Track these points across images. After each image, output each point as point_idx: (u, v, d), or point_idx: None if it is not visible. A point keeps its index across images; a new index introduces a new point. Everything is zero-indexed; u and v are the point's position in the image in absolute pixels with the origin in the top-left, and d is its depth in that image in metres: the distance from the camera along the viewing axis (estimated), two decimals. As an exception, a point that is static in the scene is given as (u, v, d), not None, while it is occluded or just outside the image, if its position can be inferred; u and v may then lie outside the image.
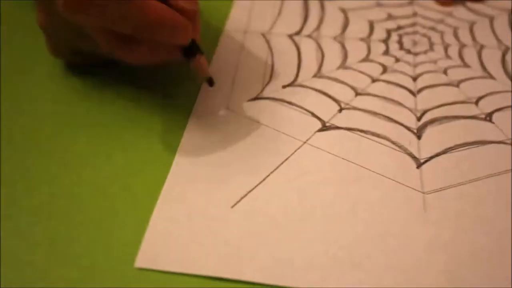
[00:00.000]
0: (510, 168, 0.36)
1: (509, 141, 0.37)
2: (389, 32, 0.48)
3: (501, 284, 0.30)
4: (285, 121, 0.39)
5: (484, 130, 0.38)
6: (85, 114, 0.39)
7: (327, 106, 0.40)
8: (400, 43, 0.46)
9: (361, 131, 0.38)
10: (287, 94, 0.41)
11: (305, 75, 0.43)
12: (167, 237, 0.32)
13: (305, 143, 0.37)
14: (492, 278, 0.30)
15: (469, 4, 0.51)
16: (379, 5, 0.51)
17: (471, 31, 0.48)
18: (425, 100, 0.41)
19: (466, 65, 0.44)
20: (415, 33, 0.48)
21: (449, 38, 0.47)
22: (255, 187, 0.35)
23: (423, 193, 0.34)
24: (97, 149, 0.37)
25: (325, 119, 0.39)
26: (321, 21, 0.49)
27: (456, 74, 0.43)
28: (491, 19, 0.49)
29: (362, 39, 0.47)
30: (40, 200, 0.34)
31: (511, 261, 0.31)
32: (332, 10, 0.50)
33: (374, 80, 0.42)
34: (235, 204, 0.34)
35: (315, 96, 0.41)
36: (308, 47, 0.46)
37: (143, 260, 0.31)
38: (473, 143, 0.37)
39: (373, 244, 0.31)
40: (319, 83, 0.42)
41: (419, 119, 0.39)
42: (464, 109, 0.40)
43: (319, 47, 0.46)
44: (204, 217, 0.33)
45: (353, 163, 0.36)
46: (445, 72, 0.43)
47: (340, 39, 0.47)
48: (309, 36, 0.47)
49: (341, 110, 0.40)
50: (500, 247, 0.31)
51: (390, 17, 0.49)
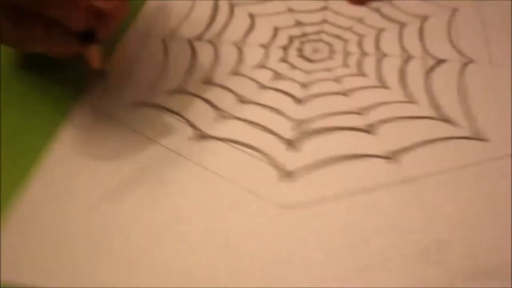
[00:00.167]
0: (386, 183, 0.34)
1: (388, 155, 0.35)
2: (291, 39, 0.46)
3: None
4: (158, 128, 0.37)
5: (363, 142, 0.36)
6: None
7: (206, 114, 0.38)
8: (299, 50, 0.44)
9: (234, 141, 0.36)
10: (170, 101, 0.39)
11: (194, 82, 0.41)
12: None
13: (175, 152, 0.36)
14: None
15: (384, 10, 0.49)
16: (290, 10, 0.49)
17: (377, 39, 0.46)
18: (309, 109, 0.39)
19: (362, 74, 0.42)
20: (318, 40, 0.45)
21: (352, 46, 0.45)
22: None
23: (284, 208, 0.32)
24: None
25: (202, 128, 0.37)
26: (225, 26, 0.47)
27: (349, 83, 0.41)
28: (402, 26, 0.47)
29: (262, 45, 0.45)
30: None
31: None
32: (240, 15, 0.48)
33: (262, 86, 0.41)
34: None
35: (196, 103, 0.39)
36: (205, 52, 0.44)
37: None
38: (351, 156, 0.35)
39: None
40: (206, 90, 0.40)
41: (297, 129, 0.37)
42: (348, 119, 0.38)
43: (216, 51, 0.44)
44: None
45: (214, 173, 0.35)
46: (337, 80, 0.41)
47: (239, 45, 0.45)
48: (209, 41, 0.45)
49: (220, 118, 0.38)
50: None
51: (297, 23, 0.47)
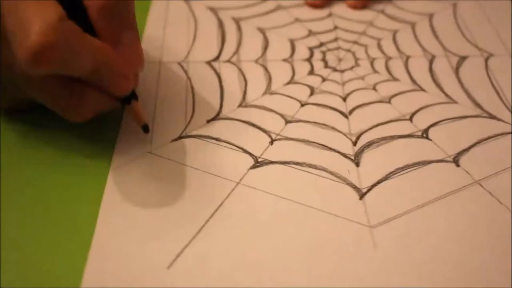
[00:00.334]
0: (454, 188, 0.34)
1: (449, 159, 0.36)
2: (311, 49, 0.45)
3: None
4: (214, 160, 0.36)
5: (422, 148, 0.37)
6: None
7: (257, 139, 0.37)
8: (324, 61, 0.44)
9: (296, 163, 0.35)
10: (213, 129, 0.38)
11: (230, 106, 0.40)
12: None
13: (238, 183, 0.34)
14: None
15: (388, 11, 0.49)
16: (298, 20, 0.49)
17: (395, 41, 0.46)
18: (358, 121, 0.39)
19: (394, 79, 0.42)
20: (338, 48, 0.45)
21: (374, 51, 0.45)
22: (190, 241, 0.31)
23: (370, 227, 0.32)
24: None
25: (257, 154, 0.36)
26: (239, 44, 0.46)
27: (386, 89, 0.41)
28: (413, 26, 0.48)
29: (285, 60, 0.44)
30: None
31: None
32: (249, 30, 0.47)
33: (302, 104, 0.40)
34: (171, 264, 0.30)
35: (243, 128, 0.38)
36: (229, 74, 0.43)
37: None
38: (413, 164, 0.35)
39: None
40: (245, 113, 0.39)
41: (355, 143, 0.37)
42: (399, 127, 0.38)
43: (241, 72, 0.43)
44: (138, 284, 0.29)
45: (292, 201, 0.33)
46: (374, 88, 0.42)
47: (261, 62, 0.44)
48: (229, 61, 0.44)
49: (272, 142, 0.37)
50: (458, 274, 0.30)
51: (311, 33, 0.47)
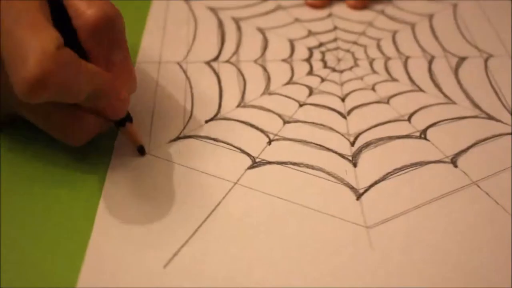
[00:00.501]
0: (452, 189, 0.34)
1: (447, 160, 0.36)
2: (311, 50, 0.45)
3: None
4: (212, 161, 0.36)
5: (420, 149, 0.36)
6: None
7: (255, 139, 0.37)
8: (323, 61, 0.44)
9: (294, 164, 0.35)
10: (211, 129, 0.38)
11: (229, 106, 0.40)
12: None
13: (236, 184, 0.34)
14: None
15: (388, 11, 0.49)
16: (297, 20, 0.48)
17: (394, 41, 0.46)
18: (356, 122, 0.38)
19: (393, 79, 0.42)
20: (337, 49, 0.45)
21: (373, 51, 0.45)
22: (187, 241, 0.31)
23: (367, 227, 0.32)
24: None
25: (255, 154, 0.36)
26: (239, 44, 0.46)
27: (384, 89, 0.41)
28: (413, 26, 0.48)
29: (284, 60, 0.44)
30: None
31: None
32: (249, 30, 0.47)
33: (301, 104, 0.40)
34: (168, 263, 0.30)
35: (242, 129, 0.38)
36: (228, 74, 0.43)
37: None
38: (411, 165, 0.35)
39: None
40: (244, 114, 0.39)
41: (352, 144, 0.37)
42: (397, 127, 0.38)
43: (240, 72, 0.43)
44: (134, 283, 0.29)
45: (289, 201, 0.33)
46: (373, 88, 0.42)
47: (261, 62, 0.44)
48: (228, 61, 0.44)
49: (270, 142, 0.37)
50: (455, 274, 0.30)
51: (310, 33, 0.47)
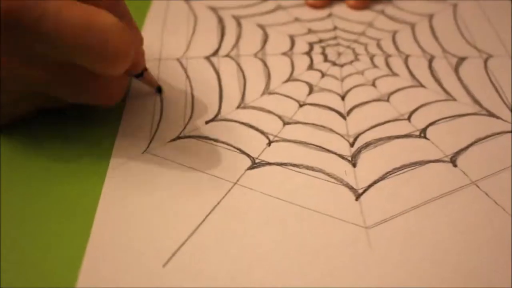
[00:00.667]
0: (451, 188, 0.34)
1: (447, 159, 0.36)
2: (311, 44, 0.45)
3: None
4: (211, 161, 0.36)
5: (420, 148, 0.37)
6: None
7: (255, 140, 0.37)
8: (324, 54, 0.44)
9: (293, 165, 0.36)
10: (211, 130, 0.38)
11: (229, 107, 0.40)
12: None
13: (235, 184, 0.34)
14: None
15: (388, 11, 0.49)
16: (297, 20, 0.49)
17: (394, 41, 0.46)
18: (356, 122, 0.39)
19: (394, 74, 0.43)
20: (337, 45, 0.46)
21: (373, 49, 0.45)
22: (187, 239, 0.31)
23: (366, 227, 0.32)
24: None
25: (255, 155, 0.36)
26: (239, 37, 0.46)
27: (385, 85, 0.41)
28: (413, 27, 0.48)
29: (284, 54, 0.44)
30: None
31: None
32: (250, 26, 0.47)
33: (301, 104, 0.40)
34: (167, 262, 0.30)
35: (242, 130, 0.38)
36: (228, 71, 0.43)
37: None
38: (410, 164, 0.35)
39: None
40: (244, 115, 0.39)
41: (352, 144, 0.37)
42: (397, 127, 0.38)
43: (240, 68, 0.43)
44: (134, 282, 0.29)
45: (288, 202, 0.33)
46: (373, 84, 0.42)
47: (261, 56, 0.44)
48: (228, 55, 0.44)
49: (270, 143, 0.37)
50: (454, 274, 0.30)
51: (310, 31, 0.47)
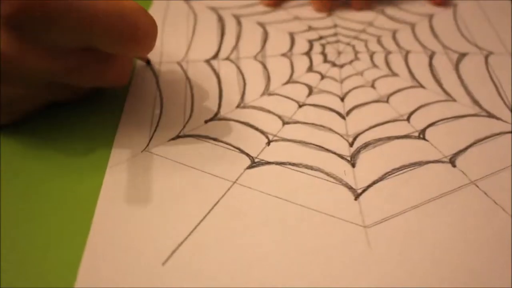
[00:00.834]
0: (450, 188, 0.34)
1: (446, 159, 0.36)
2: (311, 42, 0.45)
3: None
4: (211, 160, 0.36)
5: (419, 149, 0.37)
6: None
7: (254, 139, 0.37)
8: (323, 54, 0.44)
9: (293, 164, 0.36)
10: (211, 129, 0.38)
11: (228, 107, 0.40)
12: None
13: (234, 183, 0.35)
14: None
15: (388, 11, 0.49)
16: (297, 18, 0.49)
17: (394, 38, 0.46)
18: (355, 122, 0.39)
19: (394, 74, 0.43)
20: (338, 42, 0.46)
21: (374, 45, 0.45)
22: (186, 238, 0.31)
23: (365, 227, 0.32)
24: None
25: (254, 154, 0.36)
26: (238, 37, 0.46)
27: (384, 86, 0.41)
28: (413, 26, 0.48)
29: (283, 55, 0.44)
30: None
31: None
32: (249, 24, 0.47)
33: (300, 105, 0.40)
34: (166, 260, 0.30)
35: (241, 129, 0.38)
36: (228, 73, 0.43)
37: None
38: (409, 165, 0.35)
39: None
40: (243, 114, 0.39)
41: (351, 144, 0.37)
42: (396, 127, 0.38)
43: (240, 71, 0.43)
44: (133, 280, 0.29)
45: (288, 201, 0.33)
46: (373, 85, 0.42)
47: (260, 58, 0.44)
48: (228, 58, 0.44)
49: (269, 143, 0.37)
50: (453, 274, 0.30)
51: (310, 28, 0.47)
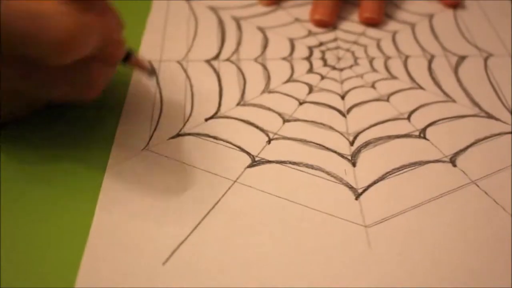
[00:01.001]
0: (451, 188, 0.34)
1: (446, 159, 0.36)
2: (311, 49, 0.45)
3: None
4: (211, 158, 0.36)
5: (419, 148, 0.37)
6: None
7: (254, 138, 0.37)
8: (323, 59, 0.44)
9: (293, 163, 0.36)
10: (211, 127, 0.38)
11: (228, 104, 0.40)
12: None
13: (235, 182, 0.34)
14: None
15: (388, 11, 0.49)
16: (297, 20, 0.49)
17: (394, 41, 0.46)
18: (356, 120, 0.39)
19: (393, 77, 0.43)
20: (337, 48, 0.46)
21: (373, 51, 0.45)
22: (186, 238, 0.31)
23: (366, 226, 0.32)
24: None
25: (254, 153, 0.36)
26: (239, 42, 0.46)
27: (384, 87, 0.42)
28: (413, 26, 0.48)
29: (284, 58, 0.44)
30: None
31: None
32: (249, 29, 0.47)
33: (301, 102, 0.40)
34: (167, 260, 0.30)
35: (241, 127, 0.38)
36: (228, 72, 0.43)
37: None
38: (410, 164, 0.35)
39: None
40: (244, 112, 0.39)
41: (352, 143, 0.37)
42: (397, 126, 0.38)
43: (240, 71, 0.43)
44: (133, 280, 0.29)
45: (288, 200, 0.33)
46: (373, 86, 0.42)
47: (261, 61, 0.44)
48: (228, 59, 0.44)
49: (270, 141, 0.37)
50: (453, 274, 0.30)
51: (310, 33, 0.47)
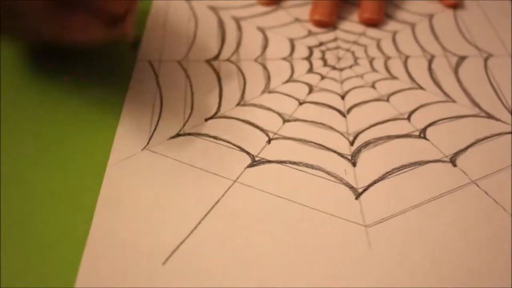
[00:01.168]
0: (451, 188, 0.34)
1: (446, 159, 0.36)
2: (311, 49, 0.45)
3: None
4: (211, 158, 0.36)
5: (419, 148, 0.37)
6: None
7: (254, 138, 0.37)
8: (323, 59, 0.44)
9: (293, 163, 0.35)
10: (211, 127, 0.38)
11: (228, 104, 0.40)
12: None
13: (235, 182, 0.34)
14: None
15: (388, 11, 0.49)
16: (297, 20, 0.49)
17: (394, 41, 0.46)
18: (356, 120, 0.39)
19: (393, 77, 0.43)
20: (337, 48, 0.45)
21: (373, 51, 0.45)
22: (186, 238, 0.31)
23: (366, 226, 0.32)
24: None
25: (254, 153, 0.36)
26: (239, 42, 0.46)
27: (385, 87, 0.42)
28: (413, 26, 0.48)
29: (284, 59, 0.44)
30: None
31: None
32: (249, 29, 0.47)
33: (301, 102, 0.40)
34: (166, 260, 0.30)
35: (241, 127, 0.38)
36: (228, 72, 0.43)
37: None
38: (410, 164, 0.35)
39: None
40: (244, 112, 0.39)
41: (352, 143, 0.37)
42: (397, 126, 0.38)
43: (240, 71, 0.43)
44: (133, 280, 0.29)
45: (288, 200, 0.33)
46: (373, 86, 0.42)
47: (261, 61, 0.44)
48: (228, 59, 0.44)
49: (270, 141, 0.37)
50: (453, 274, 0.30)
51: (310, 33, 0.47)
